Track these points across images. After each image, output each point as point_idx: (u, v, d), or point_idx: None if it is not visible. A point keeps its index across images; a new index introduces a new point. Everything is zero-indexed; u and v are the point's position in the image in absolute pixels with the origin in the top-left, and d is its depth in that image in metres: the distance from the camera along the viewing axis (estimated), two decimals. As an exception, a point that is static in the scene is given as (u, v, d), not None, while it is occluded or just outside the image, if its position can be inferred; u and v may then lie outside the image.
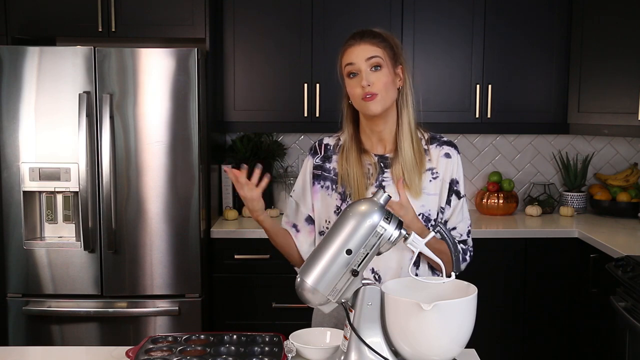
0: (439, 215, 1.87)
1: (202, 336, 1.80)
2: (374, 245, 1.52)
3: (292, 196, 1.99)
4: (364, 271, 1.57)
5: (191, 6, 3.28)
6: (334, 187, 1.90)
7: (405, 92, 1.86)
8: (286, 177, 3.70)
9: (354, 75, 1.82)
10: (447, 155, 1.88)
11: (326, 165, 1.93)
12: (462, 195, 1.90)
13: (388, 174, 1.86)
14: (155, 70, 3.05)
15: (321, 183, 1.93)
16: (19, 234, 3.10)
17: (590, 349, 3.21)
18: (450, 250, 1.59)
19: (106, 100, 3.03)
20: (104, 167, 3.04)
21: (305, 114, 3.50)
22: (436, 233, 1.58)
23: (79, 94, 3.03)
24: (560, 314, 3.38)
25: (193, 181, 3.10)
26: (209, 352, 1.69)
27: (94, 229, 3.10)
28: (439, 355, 1.52)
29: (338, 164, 1.90)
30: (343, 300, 1.55)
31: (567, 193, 3.79)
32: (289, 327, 1.80)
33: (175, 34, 3.33)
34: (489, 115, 3.54)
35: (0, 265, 3.14)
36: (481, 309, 1.59)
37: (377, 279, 1.85)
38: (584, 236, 3.24)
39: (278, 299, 3.30)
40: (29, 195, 3.11)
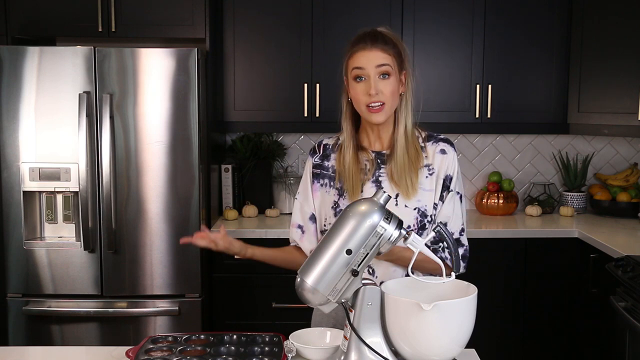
0: (434, 211, 1.87)
1: (202, 336, 1.80)
2: (374, 245, 1.52)
3: (297, 198, 2.00)
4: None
5: (191, 6, 3.28)
6: (331, 184, 1.92)
7: (406, 97, 1.87)
8: (286, 177, 3.70)
9: (361, 79, 1.82)
10: (443, 152, 1.89)
11: (325, 163, 1.95)
12: (452, 190, 1.88)
13: (384, 170, 1.88)
14: (155, 70, 3.05)
15: (320, 181, 1.94)
16: (19, 234, 3.10)
17: (590, 349, 3.21)
18: (450, 249, 1.59)
19: (106, 100, 3.03)
20: (104, 167, 3.04)
21: (305, 114, 3.50)
22: (436, 233, 1.58)
23: (79, 94, 3.03)
24: (560, 314, 3.38)
25: (193, 181, 3.10)
26: (209, 352, 1.69)
27: (94, 229, 3.10)
28: (439, 355, 1.52)
29: (336, 160, 1.92)
30: (343, 300, 1.55)
31: (567, 193, 3.79)
32: (289, 327, 1.80)
33: (175, 34, 3.33)
34: (489, 115, 3.54)
35: (0, 265, 3.14)
36: (481, 309, 1.59)
37: (371, 272, 1.86)
38: (584, 236, 3.24)
39: (278, 299, 3.30)
40: (29, 195, 3.11)
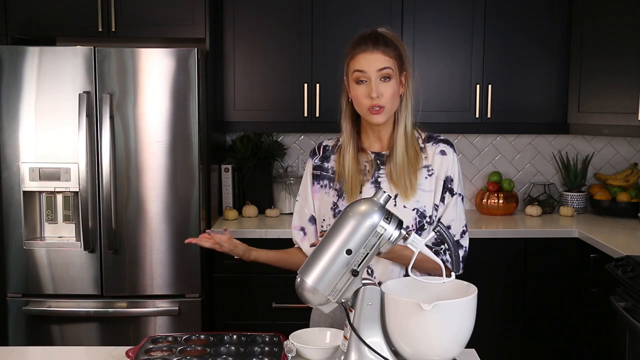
0: (433, 212, 1.87)
1: (202, 336, 1.80)
2: (374, 245, 1.52)
3: (298, 199, 2.01)
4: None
5: (191, 6, 3.28)
6: (331, 185, 1.92)
7: (406, 98, 1.87)
8: (286, 177, 3.70)
9: (362, 82, 1.82)
10: (443, 153, 1.89)
11: (324, 165, 1.96)
12: (456, 193, 1.89)
13: (384, 171, 1.88)
14: (155, 70, 3.05)
15: (320, 183, 1.95)
16: (19, 234, 3.10)
17: (590, 349, 3.21)
18: (450, 249, 1.59)
19: (106, 100, 3.03)
20: (104, 167, 3.04)
21: (305, 114, 3.50)
22: (436, 233, 1.58)
23: (79, 94, 3.03)
24: (560, 314, 3.38)
25: (193, 181, 3.10)
26: (209, 352, 1.69)
27: (94, 229, 3.10)
28: (439, 355, 1.52)
29: (336, 161, 1.92)
30: (343, 300, 1.55)
31: (567, 193, 3.79)
32: (289, 327, 1.80)
33: (175, 34, 3.33)
34: (489, 115, 3.54)
35: (0, 265, 3.14)
36: (481, 309, 1.59)
37: (370, 273, 1.86)
38: (584, 236, 3.24)
39: (278, 299, 3.30)
40: (29, 195, 3.11)
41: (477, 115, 3.54)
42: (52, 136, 3.07)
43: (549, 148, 3.91)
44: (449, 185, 1.88)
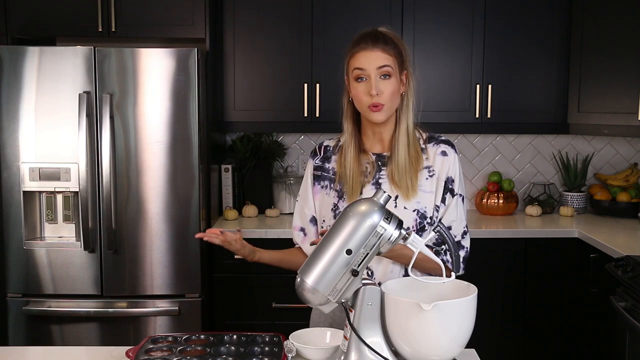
0: (434, 213, 1.87)
1: (202, 336, 1.80)
2: (374, 245, 1.51)
3: (298, 200, 2.01)
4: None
5: (191, 6, 3.28)
6: (331, 186, 1.92)
7: (407, 97, 1.87)
8: (286, 177, 3.70)
9: (362, 80, 1.82)
10: (444, 153, 1.89)
11: (325, 165, 1.95)
12: (457, 194, 1.88)
13: (385, 172, 1.88)
14: (155, 70, 3.05)
15: (321, 183, 1.95)
16: (19, 234, 3.10)
17: (590, 349, 3.21)
18: (450, 249, 1.59)
19: (106, 100, 3.03)
20: (104, 167, 3.04)
21: (305, 114, 3.50)
22: (436, 233, 1.58)
23: (79, 94, 3.03)
24: (560, 314, 3.38)
25: (193, 181, 3.10)
26: (209, 352, 1.69)
27: (94, 229, 3.10)
28: (439, 355, 1.52)
29: (337, 162, 1.92)
30: (343, 300, 1.55)
31: (567, 193, 3.79)
32: (289, 327, 1.80)
33: (175, 34, 3.33)
34: (489, 115, 3.54)
35: (0, 265, 3.14)
36: (481, 309, 1.59)
37: (370, 274, 1.86)
38: (584, 236, 3.24)
39: (278, 299, 3.30)
40: (29, 195, 3.11)
41: (477, 115, 3.54)
42: (52, 136, 3.07)
43: (549, 148, 3.91)
44: (450, 186, 1.88)
